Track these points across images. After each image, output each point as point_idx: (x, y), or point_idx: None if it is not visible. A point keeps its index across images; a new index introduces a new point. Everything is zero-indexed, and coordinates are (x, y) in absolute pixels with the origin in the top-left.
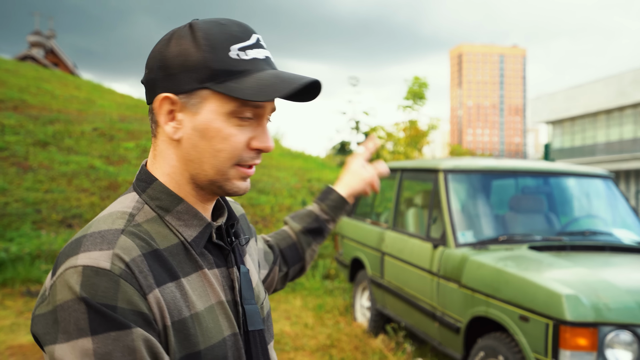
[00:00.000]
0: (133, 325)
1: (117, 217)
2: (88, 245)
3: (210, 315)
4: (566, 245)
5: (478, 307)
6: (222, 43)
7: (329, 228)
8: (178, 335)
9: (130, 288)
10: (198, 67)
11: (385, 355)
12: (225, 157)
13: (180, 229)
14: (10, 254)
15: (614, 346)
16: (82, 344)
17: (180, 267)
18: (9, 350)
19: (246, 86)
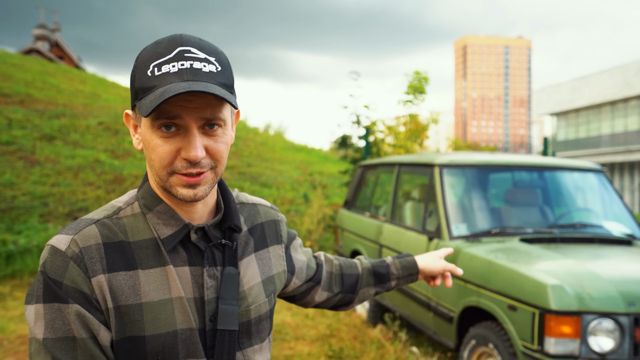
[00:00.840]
0: (71, 301)
1: (105, 209)
2: (64, 229)
3: (163, 307)
4: (556, 238)
5: (470, 297)
6: (145, 62)
7: (391, 283)
8: (120, 317)
9: (76, 270)
10: (132, 86)
11: (383, 344)
12: (158, 165)
13: (157, 226)
14: (19, 246)
15: (596, 334)
16: (37, 308)
17: (143, 260)
18: (19, 339)
19: (143, 103)
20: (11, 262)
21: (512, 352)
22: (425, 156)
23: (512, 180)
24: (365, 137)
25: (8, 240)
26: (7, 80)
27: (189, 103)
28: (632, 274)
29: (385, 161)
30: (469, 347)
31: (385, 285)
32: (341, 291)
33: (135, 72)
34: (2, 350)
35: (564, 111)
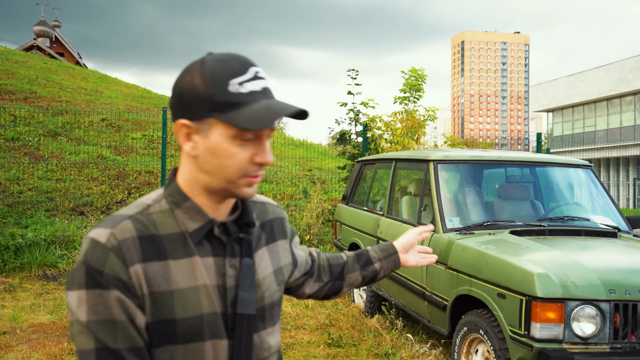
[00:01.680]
0: (112, 288)
1: (136, 206)
2: (101, 223)
3: (191, 293)
4: (545, 230)
5: (462, 286)
6: (222, 78)
7: (375, 266)
8: (154, 302)
9: (115, 260)
10: (205, 99)
11: (380, 333)
12: (232, 171)
13: (185, 221)
14: (27, 239)
15: (579, 319)
16: (80, 294)
17: (172, 252)
18: (31, 328)
19: (241, 116)
20: (20, 255)
21: (501, 338)
22: (420, 152)
23: (504, 175)
24: (363, 134)
25: (16, 234)
26: (11, 78)
27: None
28: (614, 263)
29: (382, 157)
30: (461, 334)
31: (370, 269)
32: (330, 279)
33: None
34: (15, 338)
35: (560, 107)
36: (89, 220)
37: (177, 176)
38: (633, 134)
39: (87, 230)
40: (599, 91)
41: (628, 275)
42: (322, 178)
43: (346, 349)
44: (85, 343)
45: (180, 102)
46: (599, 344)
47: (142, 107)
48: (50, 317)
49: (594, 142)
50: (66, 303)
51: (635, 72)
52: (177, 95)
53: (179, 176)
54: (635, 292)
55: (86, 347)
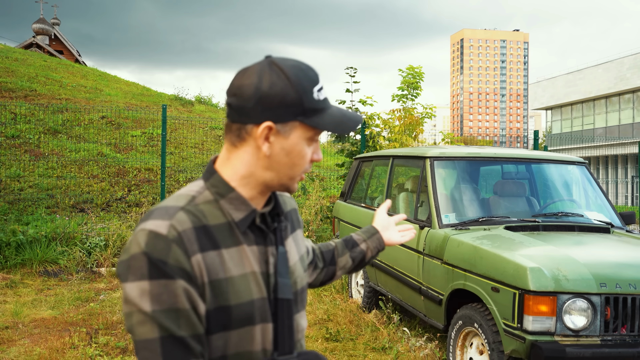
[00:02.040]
0: (177, 277)
1: (182, 197)
2: (156, 215)
3: (242, 280)
4: (539, 226)
5: (457, 280)
6: (308, 86)
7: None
8: (213, 290)
9: (178, 250)
10: (294, 104)
11: (377, 327)
12: (299, 169)
13: (231, 211)
14: (28, 236)
15: (570, 312)
16: (142, 284)
17: (223, 241)
18: (33, 323)
19: (326, 121)
20: (21, 251)
21: (495, 331)
22: (417, 149)
23: (500, 172)
24: (361, 131)
25: (17, 231)
26: (11, 75)
27: None
28: (605, 258)
29: (380, 154)
30: (456, 328)
31: (357, 250)
32: (324, 265)
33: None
34: (17, 332)
35: (559, 105)
36: (89, 217)
37: (220, 169)
38: (632, 132)
39: (89, 227)
40: (597, 89)
41: (619, 270)
42: (321, 175)
43: (344, 343)
44: (149, 332)
45: (264, 106)
46: (590, 336)
47: (142, 104)
48: (52, 313)
49: (593, 139)
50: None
51: (634, 70)
52: (256, 98)
53: (224, 170)
54: (626, 285)
55: (149, 336)
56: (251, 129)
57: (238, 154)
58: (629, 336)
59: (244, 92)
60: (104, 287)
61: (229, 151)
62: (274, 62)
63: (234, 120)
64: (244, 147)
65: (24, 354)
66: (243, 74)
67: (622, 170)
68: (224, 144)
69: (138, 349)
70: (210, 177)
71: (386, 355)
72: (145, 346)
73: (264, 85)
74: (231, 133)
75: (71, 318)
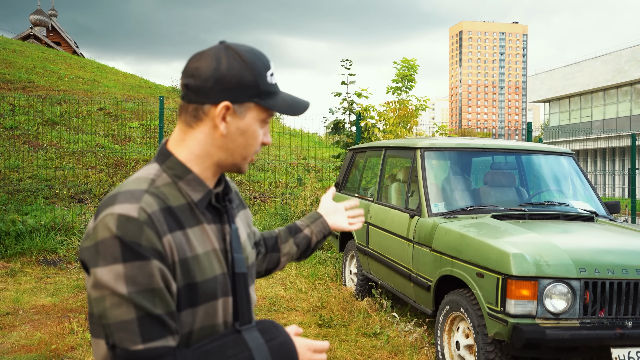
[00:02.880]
0: (152, 258)
1: (143, 181)
2: (122, 199)
3: (206, 258)
4: (525, 214)
5: (445, 267)
6: (262, 70)
7: (305, 231)
8: (182, 269)
9: (150, 232)
10: (250, 86)
11: (369, 314)
12: (252, 149)
13: (189, 192)
14: (27, 225)
15: (551, 296)
16: (116, 268)
17: (186, 221)
18: (33, 310)
19: (279, 103)
20: (20, 241)
21: (479, 315)
22: (408, 140)
23: (489, 162)
24: (356, 123)
25: (17, 220)
26: (9, 67)
27: None
28: (586, 244)
29: (373, 145)
30: (444, 313)
31: (301, 235)
32: (267, 251)
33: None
34: (18, 318)
35: (557, 97)
36: (87, 208)
37: (174, 151)
38: (629, 125)
39: (87, 217)
40: (595, 81)
41: (597, 255)
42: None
43: (336, 329)
44: (125, 314)
45: (222, 87)
46: (569, 319)
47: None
48: (52, 300)
49: (591, 132)
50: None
51: (631, 63)
52: (215, 80)
53: (179, 151)
54: (604, 270)
55: (126, 317)
56: (208, 109)
57: (194, 134)
58: (607, 319)
59: (202, 73)
60: None
61: (183, 132)
62: (230, 46)
63: (191, 101)
64: (200, 127)
65: (25, 339)
66: (200, 57)
67: (619, 162)
68: (177, 125)
69: (112, 331)
70: (166, 160)
71: (377, 341)
72: (122, 327)
73: (222, 67)
74: (187, 114)
75: (70, 305)
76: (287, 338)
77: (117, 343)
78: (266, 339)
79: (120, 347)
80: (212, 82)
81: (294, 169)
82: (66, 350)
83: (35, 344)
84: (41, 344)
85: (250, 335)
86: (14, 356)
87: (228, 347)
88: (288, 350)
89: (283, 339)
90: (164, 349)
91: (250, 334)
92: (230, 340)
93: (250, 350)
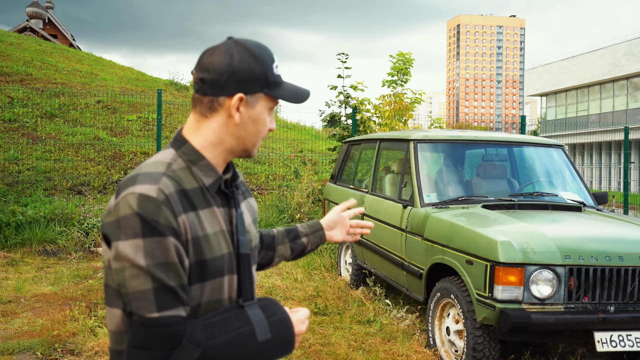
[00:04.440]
0: (168, 235)
1: (160, 164)
2: (142, 180)
3: (215, 238)
4: (515, 205)
5: (436, 255)
6: (269, 62)
7: (303, 240)
8: (194, 246)
9: (167, 211)
10: (260, 78)
11: (363, 303)
12: (261, 136)
13: (202, 177)
14: (27, 217)
15: (537, 282)
16: (136, 242)
17: (198, 203)
18: (34, 298)
19: (285, 92)
20: (20, 231)
21: (469, 301)
22: (402, 132)
23: (481, 154)
24: (352, 116)
25: (17, 211)
26: (7, 60)
27: None
28: (572, 233)
29: (368, 137)
30: (435, 299)
31: (298, 242)
32: (262, 248)
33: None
34: (20, 306)
35: (554, 91)
36: (86, 199)
37: (189, 138)
38: (625, 118)
39: (86, 209)
40: (592, 75)
41: (582, 243)
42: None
43: (331, 317)
44: (143, 284)
45: (235, 79)
46: (554, 304)
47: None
48: (52, 288)
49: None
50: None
51: (628, 57)
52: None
53: (194, 138)
54: (588, 257)
55: (143, 287)
56: (223, 100)
57: (208, 124)
58: (590, 304)
59: (217, 67)
60: (102, 266)
61: (198, 121)
62: (239, 41)
63: (206, 94)
64: (215, 117)
65: (27, 325)
66: (212, 52)
67: (615, 156)
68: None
69: (131, 299)
70: (182, 146)
71: (370, 328)
72: (140, 297)
73: (235, 61)
74: (202, 105)
75: (71, 293)
76: (285, 315)
77: (134, 310)
78: (266, 314)
79: (137, 315)
80: (227, 75)
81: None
82: (68, 336)
83: (37, 330)
84: (43, 330)
85: (252, 311)
86: (18, 341)
87: (232, 320)
88: (285, 325)
89: (282, 315)
90: (177, 317)
91: (252, 310)
92: (234, 315)
93: (252, 325)
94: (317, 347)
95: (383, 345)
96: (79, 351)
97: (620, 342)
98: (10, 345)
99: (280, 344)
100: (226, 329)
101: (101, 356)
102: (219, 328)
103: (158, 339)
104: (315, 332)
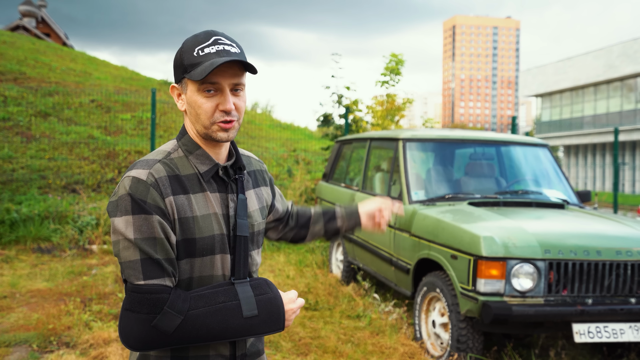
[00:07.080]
0: (154, 213)
1: (160, 153)
2: (138, 166)
3: (206, 219)
4: (500, 202)
5: (423, 251)
6: (190, 47)
7: (337, 222)
8: (181, 225)
9: (155, 192)
10: (180, 65)
11: (353, 298)
12: (204, 117)
13: (197, 165)
14: (22, 214)
15: (518, 276)
16: (127, 218)
17: (191, 188)
18: (29, 293)
19: (195, 72)
20: (15, 229)
21: (453, 294)
22: (391, 131)
23: (468, 152)
24: (345, 116)
25: (11, 209)
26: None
27: (224, 72)
28: (552, 229)
29: (359, 136)
30: (422, 294)
31: (333, 224)
32: (296, 225)
33: (182, 55)
34: (15, 301)
35: (549, 92)
36: (80, 197)
37: (188, 130)
38: (619, 120)
39: (80, 207)
40: (587, 77)
41: (562, 238)
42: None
43: (322, 312)
44: (132, 255)
45: (174, 72)
46: (535, 297)
47: (131, 88)
48: (47, 284)
49: (582, 127)
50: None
51: (622, 58)
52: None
53: (189, 130)
54: (568, 252)
55: (132, 258)
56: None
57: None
58: (569, 297)
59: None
60: (96, 263)
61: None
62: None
63: None
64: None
65: (23, 319)
66: None
67: (609, 157)
68: None
69: (123, 268)
70: (182, 137)
71: (360, 322)
72: (129, 266)
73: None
74: None
75: (65, 289)
76: (275, 294)
77: (126, 277)
78: (256, 293)
79: (128, 281)
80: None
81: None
82: (63, 330)
83: (33, 324)
84: (39, 324)
85: (241, 288)
86: (14, 334)
87: (219, 295)
88: (275, 304)
89: (272, 295)
90: (161, 286)
91: (242, 287)
92: (223, 290)
93: (239, 300)
94: (307, 340)
95: (371, 339)
96: (74, 344)
97: (598, 333)
98: (7, 338)
99: (268, 321)
100: (211, 302)
101: (96, 348)
102: (204, 300)
103: (144, 304)
104: (306, 326)
